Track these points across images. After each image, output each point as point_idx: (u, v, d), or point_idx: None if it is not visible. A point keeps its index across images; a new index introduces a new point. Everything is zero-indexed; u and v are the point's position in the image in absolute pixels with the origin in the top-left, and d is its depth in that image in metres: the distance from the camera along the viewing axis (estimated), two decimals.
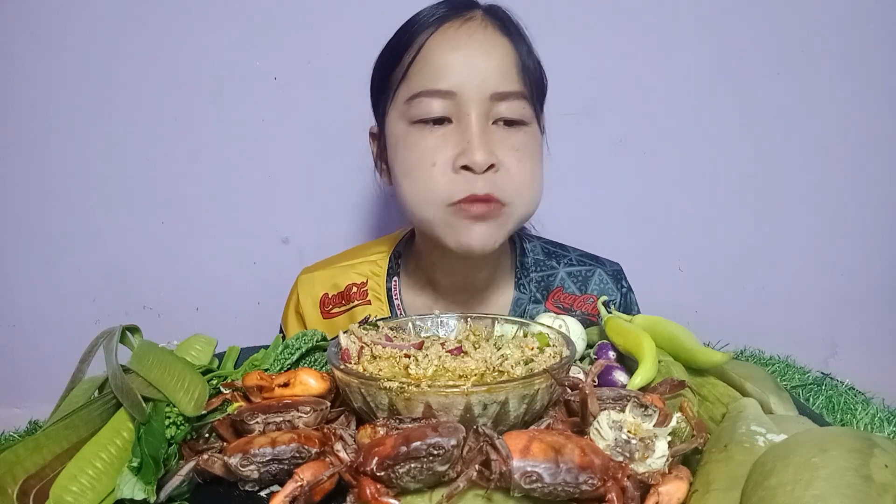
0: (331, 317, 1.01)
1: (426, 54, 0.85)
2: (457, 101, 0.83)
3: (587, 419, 0.50)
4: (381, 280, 1.01)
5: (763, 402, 0.56)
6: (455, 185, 0.83)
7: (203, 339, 0.71)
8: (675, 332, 0.67)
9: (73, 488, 0.48)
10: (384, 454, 0.44)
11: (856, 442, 0.41)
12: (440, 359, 0.58)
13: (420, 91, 0.84)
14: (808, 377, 0.84)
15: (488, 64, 0.84)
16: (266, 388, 0.59)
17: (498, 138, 0.84)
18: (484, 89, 0.83)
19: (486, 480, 0.44)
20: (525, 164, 0.85)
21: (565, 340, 0.62)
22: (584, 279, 1.01)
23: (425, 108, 0.84)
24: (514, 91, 0.85)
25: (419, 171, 0.84)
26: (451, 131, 0.84)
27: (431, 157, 0.83)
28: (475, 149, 0.81)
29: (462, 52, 0.83)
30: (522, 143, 0.86)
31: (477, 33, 0.85)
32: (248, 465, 0.49)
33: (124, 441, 0.52)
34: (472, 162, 0.81)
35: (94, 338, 0.66)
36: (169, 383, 0.56)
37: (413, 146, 0.85)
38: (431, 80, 0.83)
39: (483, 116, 0.83)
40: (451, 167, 0.83)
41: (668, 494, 0.43)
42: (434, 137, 0.84)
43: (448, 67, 0.83)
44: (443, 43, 0.84)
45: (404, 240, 1.05)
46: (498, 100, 0.84)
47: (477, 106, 0.83)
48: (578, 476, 0.43)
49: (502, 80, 0.84)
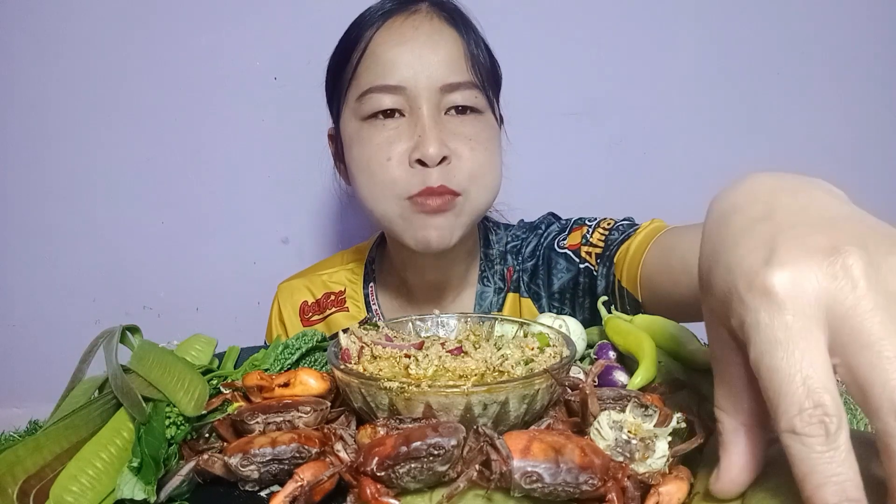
0: (310, 324, 1.02)
1: (373, 50, 0.85)
2: (407, 96, 0.83)
3: (587, 419, 0.50)
4: (358, 287, 1.03)
5: None
6: (410, 178, 0.83)
7: (203, 339, 0.71)
8: (675, 332, 0.67)
9: (73, 488, 0.48)
10: (384, 454, 0.44)
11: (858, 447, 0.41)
12: (440, 359, 0.58)
13: (369, 88, 0.84)
14: None
15: (436, 56, 0.83)
16: (266, 388, 0.59)
17: (450, 128, 0.84)
18: (433, 81, 0.83)
19: (486, 480, 0.44)
20: (478, 154, 0.85)
21: (565, 340, 0.62)
22: (516, 251, 1.00)
23: (376, 104, 0.84)
24: (464, 81, 0.85)
25: (375, 167, 0.84)
26: (404, 124, 0.84)
27: (386, 151, 0.83)
28: (427, 142, 0.81)
29: (408, 46, 0.83)
30: (475, 131, 0.86)
31: (423, 25, 0.85)
32: (248, 465, 0.49)
33: (124, 441, 0.52)
34: (425, 155, 0.81)
35: (94, 338, 0.66)
36: (169, 383, 0.56)
37: (367, 142, 0.85)
38: (380, 76, 0.84)
39: (434, 108, 0.83)
40: (406, 160, 0.83)
41: (668, 495, 0.43)
42: (387, 131, 0.84)
43: (396, 62, 0.83)
44: (389, 38, 0.84)
45: (376, 244, 1.06)
46: (448, 91, 0.84)
47: (427, 98, 0.83)
48: (579, 476, 0.43)
49: (451, 71, 0.84)
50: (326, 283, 1.04)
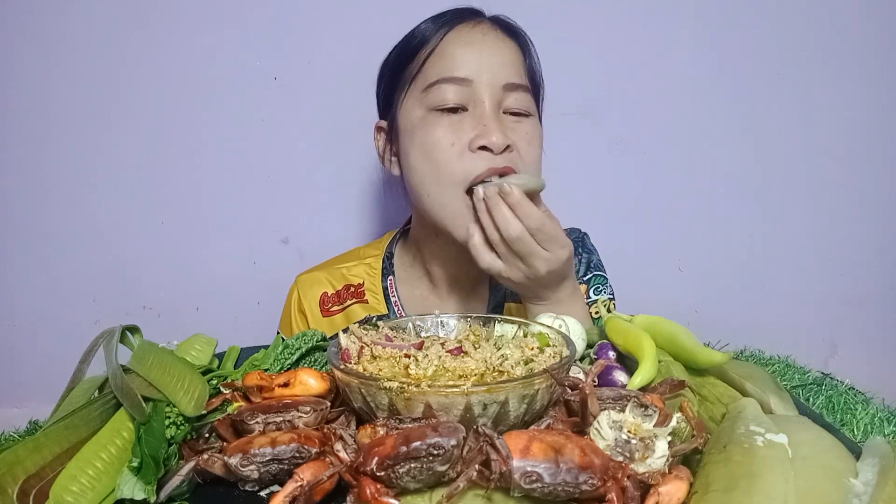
0: (330, 315, 1.05)
1: (443, 48, 0.92)
2: (472, 88, 0.90)
3: (587, 419, 0.50)
4: (377, 280, 1.06)
5: (763, 402, 0.56)
6: (474, 163, 0.88)
7: (203, 339, 0.71)
8: (675, 332, 0.67)
9: (73, 488, 0.48)
10: (384, 454, 0.44)
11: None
12: (440, 359, 0.58)
13: (437, 79, 0.90)
14: (808, 377, 0.83)
15: (500, 58, 0.91)
16: (266, 388, 0.59)
17: (509, 125, 0.91)
18: (497, 79, 0.90)
19: (486, 480, 0.44)
20: (534, 149, 0.93)
21: (565, 340, 0.62)
22: None
23: (442, 95, 0.90)
24: (523, 84, 0.93)
25: (438, 152, 0.89)
26: (467, 117, 0.90)
27: (450, 137, 0.89)
28: (493, 130, 0.87)
29: (476, 48, 0.91)
30: (530, 130, 0.93)
31: (489, 33, 0.93)
32: (248, 465, 0.49)
33: (124, 441, 0.52)
34: (491, 142, 0.87)
35: (94, 338, 0.66)
36: (169, 383, 0.56)
37: (431, 128, 0.90)
38: (448, 69, 0.90)
39: (496, 104, 0.90)
40: (468, 148, 0.88)
41: (668, 494, 0.43)
42: (451, 121, 0.90)
43: (464, 59, 0.90)
44: (458, 39, 0.92)
45: (395, 240, 1.10)
46: (509, 90, 0.91)
47: (491, 94, 0.90)
48: (578, 476, 0.43)
49: (512, 72, 0.92)
50: (346, 275, 1.07)
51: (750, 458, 0.45)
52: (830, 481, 0.43)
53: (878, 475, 0.44)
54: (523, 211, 0.82)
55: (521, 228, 0.82)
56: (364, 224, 1.36)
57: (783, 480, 0.42)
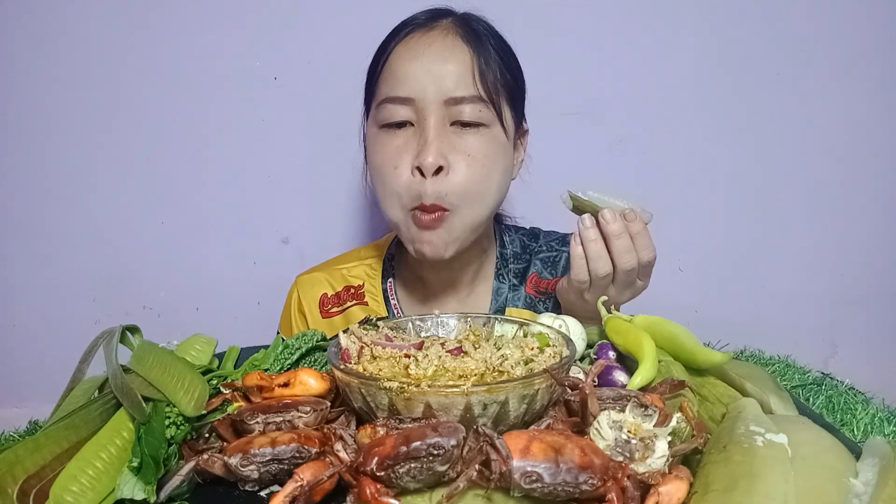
0: (329, 316, 1.05)
1: (390, 65, 0.91)
2: (415, 107, 0.89)
3: (587, 419, 0.50)
4: (377, 282, 1.06)
5: (763, 402, 0.56)
6: (411, 189, 0.88)
7: (203, 339, 0.71)
8: (675, 332, 0.67)
9: (73, 488, 0.48)
10: (384, 454, 0.44)
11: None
12: (440, 359, 0.58)
13: (384, 98, 0.90)
14: (808, 377, 0.84)
15: (444, 70, 0.88)
16: (266, 388, 0.59)
17: (452, 141, 0.89)
18: (439, 95, 0.88)
19: (486, 480, 0.44)
20: (474, 170, 0.89)
21: (565, 340, 0.62)
22: (553, 263, 1.06)
23: (389, 114, 0.90)
24: (469, 95, 0.89)
25: (385, 173, 0.90)
26: (413, 135, 0.90)
27: (395, 159, 0.89)
28: (427, 151, 0.86)
29: (420, 61, 0.89)
30: (476, 146, 0.89)
31: (436, 42, 0.90)
32: (248, 465, 0.49)
33: (124, 441, 0.52)
34: (423, 163, 0.86)
35: (94, 338, 0.66)
36: (169, 383, 0.56)
37: (380, 148, 0.92)
38: (392, 88, 0.90)
39: (440, 120, 0.88)
40: (409, 169, 0.88)
41: (668, 494, 0.43)
42: (398, 140, 0.90)
43: (408, 76, 0.89)
44: (405, 53, 0.91)
45: (395, 241, 1.09)
46: (453, 104, 0.88)
47: (434, 111, 0.88)
48: (578, 476, 0.43)
49: (457, 85, 0.88)
50: (346, 276, 1.07)
51: (750, 458, 0.45)
52: (830, 481, 0.43)
53: (878, 475, 0.44)
54: (643, 242, 0.82)
55: (636, 261, 0.81)
56: (364, 224, 1.36)
57: (783, 480, 0.42)
